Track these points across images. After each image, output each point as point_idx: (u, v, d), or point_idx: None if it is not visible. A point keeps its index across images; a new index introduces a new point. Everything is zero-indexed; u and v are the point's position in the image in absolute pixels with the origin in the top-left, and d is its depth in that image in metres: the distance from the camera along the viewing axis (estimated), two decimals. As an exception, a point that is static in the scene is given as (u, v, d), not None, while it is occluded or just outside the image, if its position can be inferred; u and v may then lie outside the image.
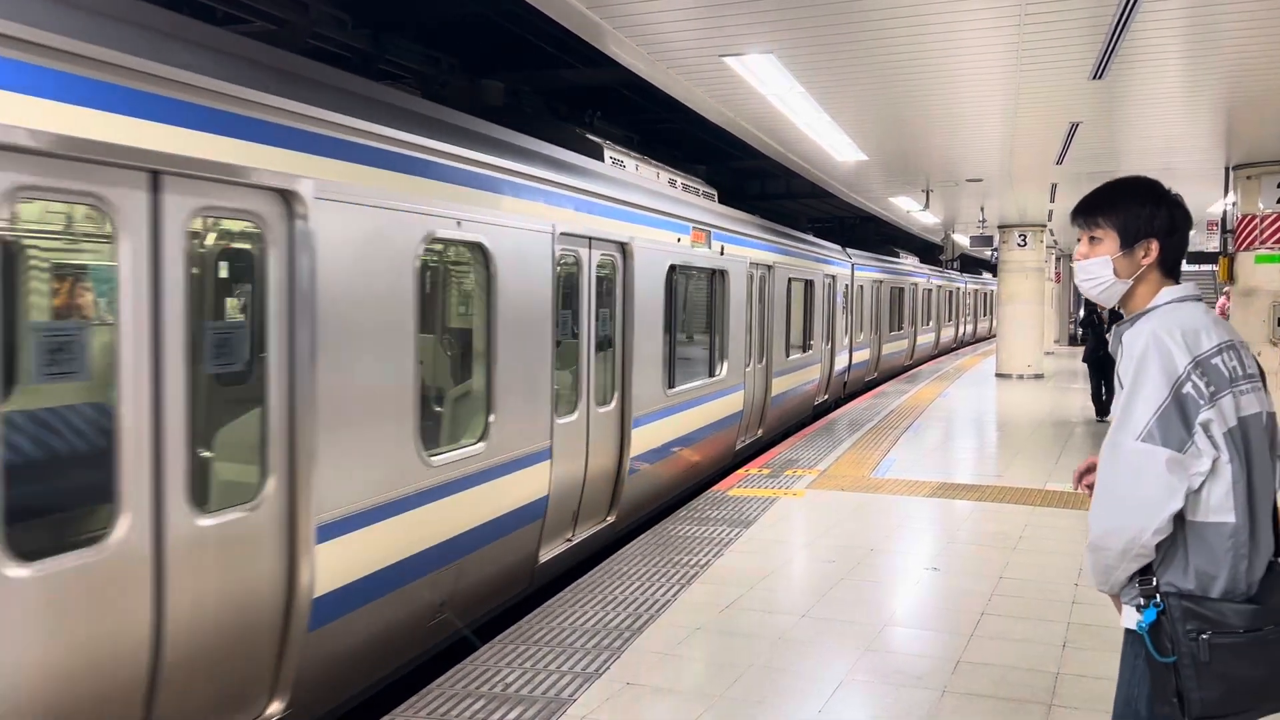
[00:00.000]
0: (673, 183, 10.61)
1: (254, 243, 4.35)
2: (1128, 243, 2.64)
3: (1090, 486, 2.75)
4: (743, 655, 5.31)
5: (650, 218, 8.78)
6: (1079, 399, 17.65)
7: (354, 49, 9.50)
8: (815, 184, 16.03)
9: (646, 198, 8.85)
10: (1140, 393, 2.44)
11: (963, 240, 25.13)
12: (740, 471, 10.41)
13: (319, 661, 4.61)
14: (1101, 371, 14.48)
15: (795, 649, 5.42)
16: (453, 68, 10.64)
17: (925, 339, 28.66)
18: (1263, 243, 12.60)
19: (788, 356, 14.09)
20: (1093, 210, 2.71)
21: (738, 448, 11.85)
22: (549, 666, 5.14)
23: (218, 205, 4.05)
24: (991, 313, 44.24)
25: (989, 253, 25.90)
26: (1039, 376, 21.17)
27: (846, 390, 18.94)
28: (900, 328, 24.78)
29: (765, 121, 10.25)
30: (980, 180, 14.97)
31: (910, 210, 19.45)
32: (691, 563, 6.99)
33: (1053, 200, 17.63)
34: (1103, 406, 14.55)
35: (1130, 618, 2.53)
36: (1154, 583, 2.46)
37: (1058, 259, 31.86)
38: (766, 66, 7.84)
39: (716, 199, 12.18)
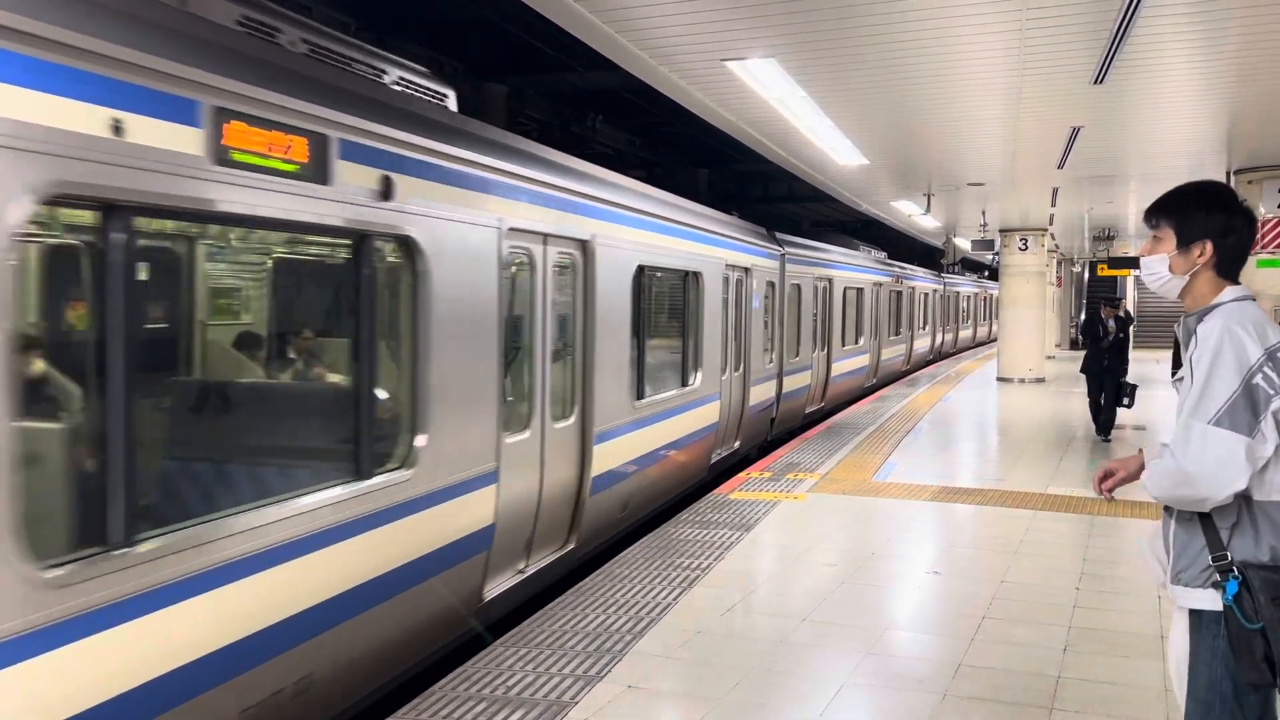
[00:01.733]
0: (316, 49, 5.05)
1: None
2: (1183, 243, 2.86)
3: (1112, 490, 3.02)
4: (744, 658, 5.32)
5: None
6: (1080, 403, 17.62)
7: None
8: (817, 188, 16.04)
9: None
10: (1214, 380, 2.63)
11: (964, 244, 25.12)
12: (741, 475, 10.40)
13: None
14: (1102, 384, 13.15)
15: (797, 652, 5.43)
16: (456, 71, 10.67)
17: (893, 352, 23.20)
18: (1264, 247, 12.60)
19: (641, 398, 8.63)
20: (1156, 212, 2.95)
21: (486, 596, 6.10)
22: (550, 669, 5.15)
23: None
24: (973, 318, 40.09)
25: (990, 256, 25.85)
26: (1040, 380, 21.17)
27: (777, 429, 14.00)
28: (859, 340, 19.47)
29: (767, 125, 10.26)
30: (982, 184, 14.99)
31: (912, 214, 19.47)
32: (693, 566, 7.00)
33: (1054, 204, 17.65)
34: (1103, 423, 13.21)
35: (1204, 599, 2.68)
36: (1228, 558, 2.65)
37: (1059, 263, 31.86)
38: (768, 71, 7.86)
39: (454, 103, 6.45)
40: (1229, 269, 2.85)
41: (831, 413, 16.60)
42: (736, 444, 11.99)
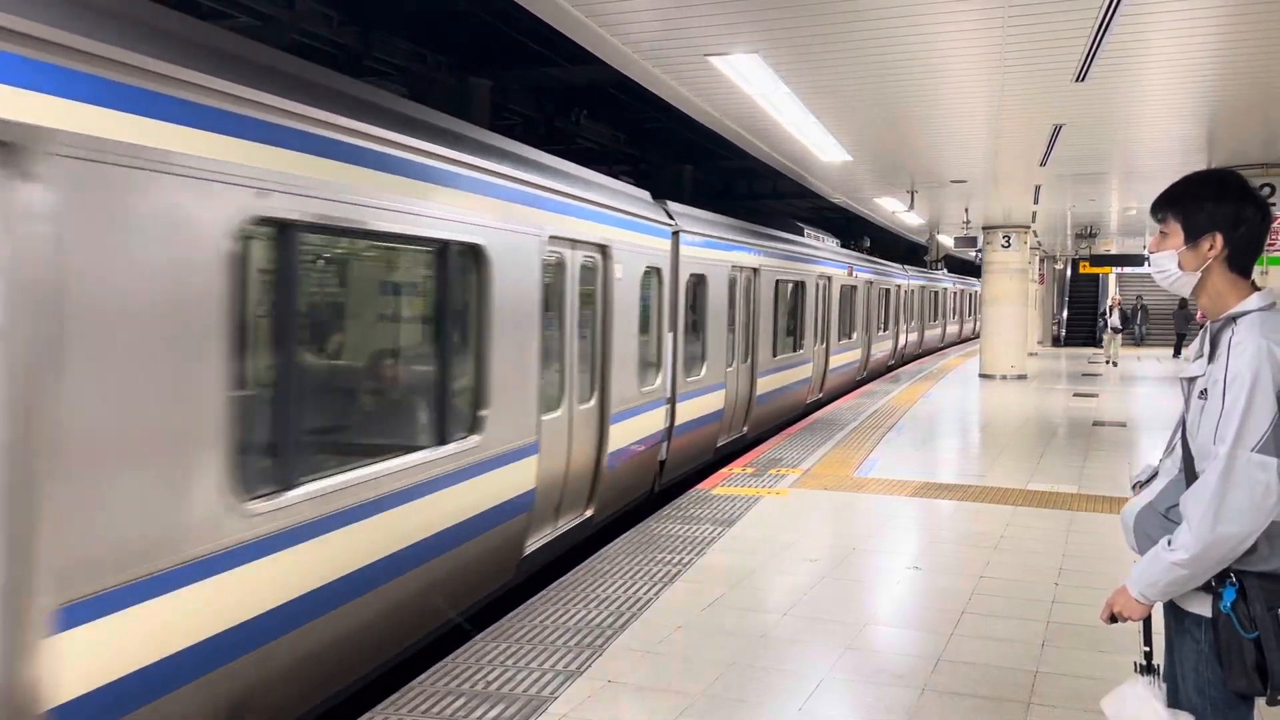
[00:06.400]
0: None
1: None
2: (1191, 237, 2.70)
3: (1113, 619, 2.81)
4: (724, 653, 5.33)
5: None
6: (1061, 399, 17.75)
7: (340, 45, 9.48)
8: (801, 184, 16.07)
9: None
10: (1255, 404, 2.47)
11: (947, 241, 25.22)
12: (724, 470, 10.42)
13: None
14: None
15: (777, 647, 5.44)
16: (440, 65, 10.63)
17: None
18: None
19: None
20: (1161, 205, 2.78)
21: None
22: (530, 664, 5.14)
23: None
24: (898, 319, 26.14)
25: (973, 254, 25.93)
26: (1022, 377, 21.28)
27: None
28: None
29: (750, 121, 10.27)
30: (964, 182, 15.04)
31: (895, 211, 19.54)
32: (674, 561, 7.00)
33: (1036, 202, 17.73)
34: None
35: (1198, 603, 2.60)
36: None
37: (1041, 260, 32.00)
38: (751, 66, 7.86)
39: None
40: (1241, 262, 2.69)
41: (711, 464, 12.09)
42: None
